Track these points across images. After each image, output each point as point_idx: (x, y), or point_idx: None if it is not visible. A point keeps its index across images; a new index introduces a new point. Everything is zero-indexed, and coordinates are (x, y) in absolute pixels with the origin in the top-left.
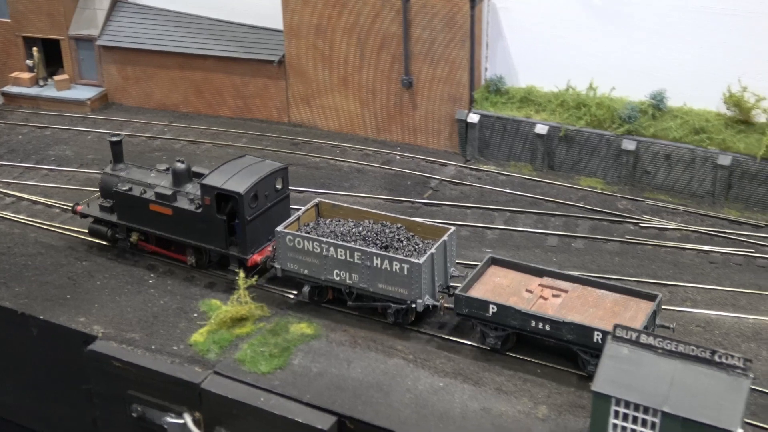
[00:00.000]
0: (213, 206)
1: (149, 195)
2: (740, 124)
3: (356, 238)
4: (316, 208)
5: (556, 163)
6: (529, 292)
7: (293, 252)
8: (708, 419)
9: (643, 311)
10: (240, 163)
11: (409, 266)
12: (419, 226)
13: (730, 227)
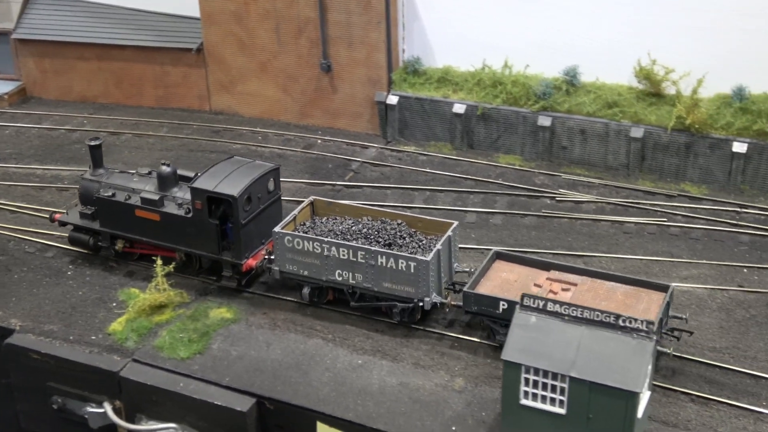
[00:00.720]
0: (204, 210)
1: (134, 200)
2: (651, 96)
3: (357, 237)
4: (310, 207)
5: (475, 142)
6: (537, 287)
7: (292, 253)
8: (614, 382)
9: (656, 302)
10: (229, 165)
11: (416, 264)
12: (420, 222)
13: (644, 198)
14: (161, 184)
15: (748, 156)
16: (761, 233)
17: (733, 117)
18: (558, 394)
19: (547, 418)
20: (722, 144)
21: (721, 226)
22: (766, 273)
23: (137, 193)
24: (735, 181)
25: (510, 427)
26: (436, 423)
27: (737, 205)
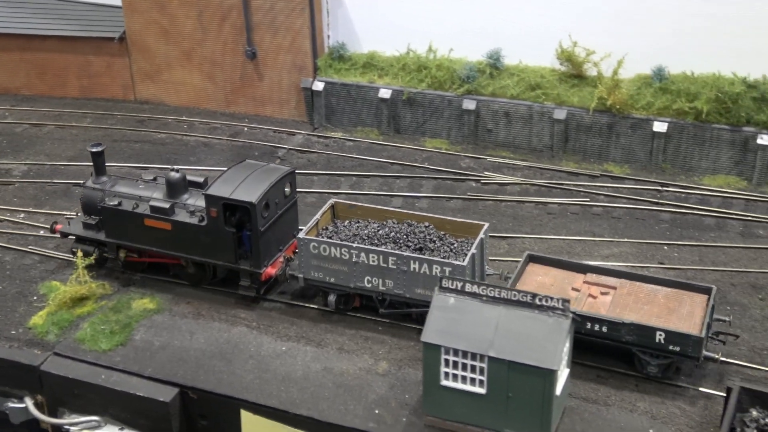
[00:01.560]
0: (220, 218)
1: (143, 209)
2: (573, 78)
3: (386, 241)
4: (331, 210)
5: (401, 126)
6: (575, 291)
7: (318, 260)
8: (531, 360)
9: (700, 305)
10: (243, 170)
11: (452, 269)
12: (449, 224)
13: (567, 179)
14: (170, 191)
15: (668, 135)
16: (682, 211)
17: (653, 97)
18: (478, 374)
19: (467, 398)
20: (643, 124)
21: (642, 205)
22: (686, 250)
23: (145, 201)
24: (656, 160)
25: (431, 408)
26: (360, 406)
27: (659, 184)
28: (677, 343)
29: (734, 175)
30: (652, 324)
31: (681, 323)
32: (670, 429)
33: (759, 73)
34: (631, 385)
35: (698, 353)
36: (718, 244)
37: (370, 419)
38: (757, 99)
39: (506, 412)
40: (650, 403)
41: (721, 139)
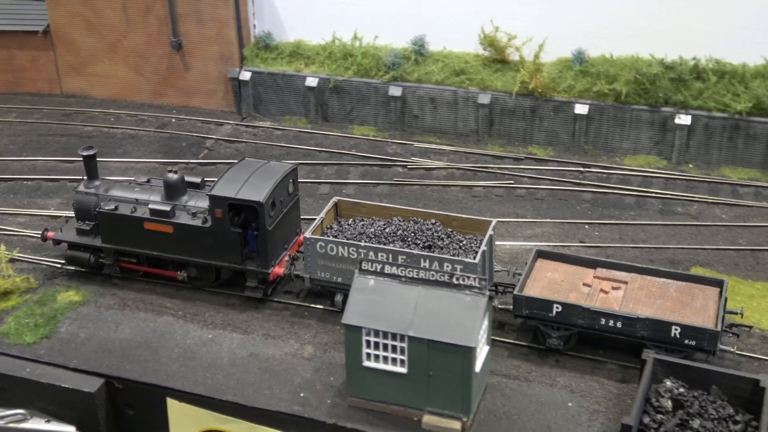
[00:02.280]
0: (225, 219)
1: (142, 212)
2: (496, 63)
3: (393, 239)
4: (334, 208)
5: (329, 114)
6: (587, 286)
7: (325, 259)
8: (450, 339)
9: (712, 299)
10: (245, 168)
11: (463, 267)
12: (455, 221)
13: (492, 162)
14: (169, 192)
15: (589, 117)
16: (603, 191)
17: (574, 80)
18: (398, 354)
19: (389, 378)
20: (565, 106)
21: (565, 186)
22: (606, 228)
23: (143, 204)
24: (579, 142)
25: (355, 390)
26: (285, 390)
27: (581, 165)
28: (693, 337)
29: (654, 154)
30: (667, 319)
31: (695, 317)
32: (588, 401)
33: (675, 54)
34: (552, 361)
35: (714, 347)
36: (637, 222)
37: (295, 402)
38: (674, 80)
39: (427, 390)
40: (569, 378)
41: (640, 119)
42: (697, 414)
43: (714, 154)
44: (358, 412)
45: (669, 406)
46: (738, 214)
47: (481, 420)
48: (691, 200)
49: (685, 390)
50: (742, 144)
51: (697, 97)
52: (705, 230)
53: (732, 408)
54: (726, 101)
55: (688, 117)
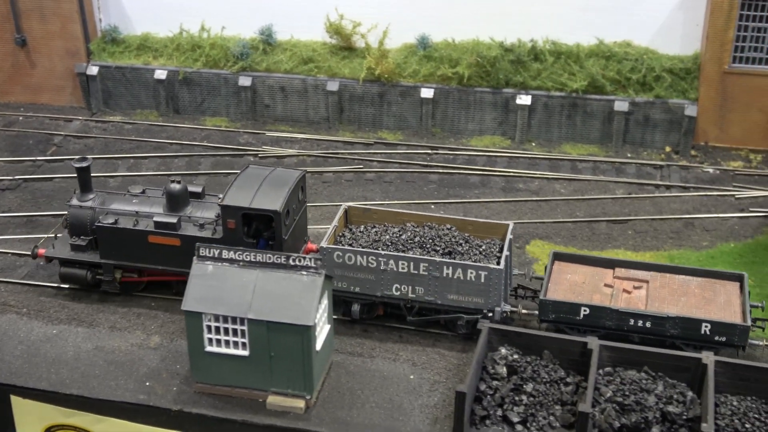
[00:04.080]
0: (239, 229)
1: (145, 225)
2: (343, 50)
3: (412, 246)
4: (344, 215)
5: (180, 107)
6: (608, 287)
7: (342, 269)
8: (288, 318)
9: (734, 293)
10: (253, 176)
11: (488, 273)
12: (470, 225)
13: (343, 148)
14: (172, 203)
15: (435, 101)
16: (449, 171)
17: (419, 65)
18: (240, 337)
19: (232, 361)
20: (411, 91)
21: (413, 168)
22: (451, 207)
23: (145, 217)
24: (426, 125)
25: (200, 375)
26: (131, 381)
27: (429, 148)
28: (723, 334)
29: (498, 135)
30: (698, 316)
31: (721, 313)
32: (430, 373)
33: (514, 36)
34: (395, 337)
35: (744, 342)
36: (481, 200)
37: (141, 392)
38: (514, 61)
39: (270, 371)
40: (411, 352)
41: (483, 101)
42: (530, 378)
43: (555, 132)
44: (204, 398)
45: (504, 372)
46: (576, 189)
47: (325, 397)
48: (533, 177)
49: (519, 356)
50: (580, 121)
51: (535, 78)
52: (545, 205)
53: (563, 371)
54: (563, 81)
55: (529, 97)
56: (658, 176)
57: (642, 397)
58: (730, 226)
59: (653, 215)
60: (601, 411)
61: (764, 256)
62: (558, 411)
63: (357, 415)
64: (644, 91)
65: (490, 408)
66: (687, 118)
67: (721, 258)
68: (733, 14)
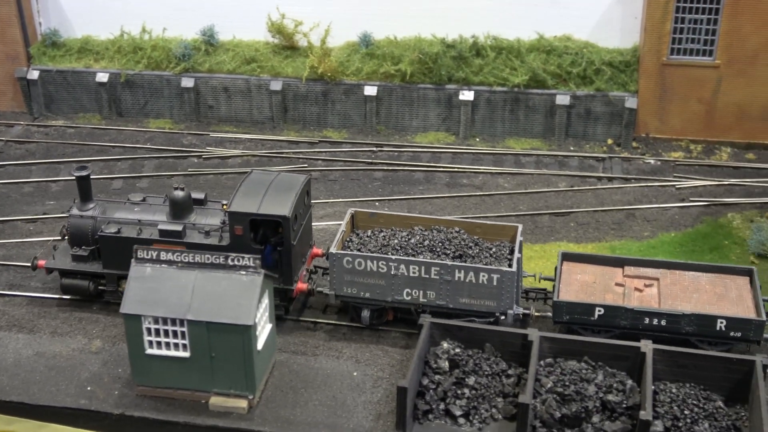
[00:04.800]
0: (246, 236)
1: (149, 234)
2: (286, 49)
3: (421, 250)
4: (351, 220)
5: (123, 109)
6: (620, 286)
7: (352, 275)
8: (227, 319)
9: (745, 288)
10: (258, 182)
11: (500, 276)
12: (479, 227)
13: (288, 147)
14: (176, 211)
15: (379, 98)
16: (394, 168)
17: (362, 62)
18: (180, 339)
19: (173, 363)
20: (355, 89)
21: (357, 166)
22: (395, 204)
23: (149, 226)
24: (371, 123)
25: (141, 378)
26: (72, 386)
27: (374, 145)
28: (739, 329)
29: (443, 131)
30: (713, 312)
31: (735, 308)
32: (373, 370)
33: (456, 33)
34: (339, 335)
35: (760, 336)
36: (425, 196)
37: (82, 396)
38: (456, 57)
39: (212, 372)
40: (355, 349)
41: (427, 98)
42: (472, 371)
43: (498, 127)
44: (146, 400)
45: (446, 366)
46: (520, 182)
47: (268, 396)
48: (477, 172)
49: (461, 350)
50: (522, 116)
51: (478, 73)
52: (488, 199)
53: (505, 363)
54: (505, 76)
55: (471, 93)
56: (600, 168)
57: (582, 386)
58: (670, 216)
59: (595, 207)
60: (542, 402)
61: (704, 245)
62: (500, 403)
63: (300, 414)
64: (585, 84)
65: (433, 402)
66: (627, 111)
67: (662, 247)
68: (670, 6)
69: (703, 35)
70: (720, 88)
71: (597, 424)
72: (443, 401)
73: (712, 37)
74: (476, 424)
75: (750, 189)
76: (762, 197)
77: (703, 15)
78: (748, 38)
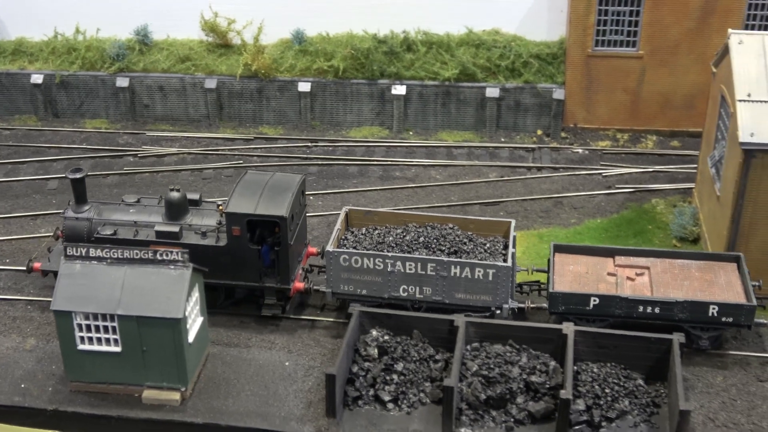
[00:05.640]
0: (244, 236)
1: (146, 235)
2: (220, 48)
3: (417, 247)
4: (345, 218)
5: (59, 110)
6: (612, 276)
7: (349, 272)
8: (157, 312)
9: (733, 274)
10: (253, 183)
11: (496, 270)
12: (472, 223)
13: (224, 145)
14: (172, 212)
15: (313, 94)
16: (328, 163)
17: (295, 59)
18: (111, 334)
19: (105, 358)
20: (289, 86)
21: (292, 162)
22: (329, 197)
23: (145, 227)
24: (306, 119)
25: (74, 374)
26: (6, 384)
27: (309, 141)
28: (730, 314)
29: (377, 125)
30: (705, 299)
31: (725, 294)
32: (305, 359)
33: (387, 28)
34: (272, 326)
35: (751, 321)
36: (359, 189)
37: (16, 394)
38: (387, 53)
39: (144, 365)
40: (287, 340)
41: (360, 92)
42: (401, 358)
43: (430, 120)
44: (80, 396)
45: (375, 353)
46: (451, 174)
47: (201, 388)
48: (410, 165)
49: (390, 337)
50: (454, 109)
51: (409, 68)
52: (420, 191)
53: (433, 348)
54: (435, 70)
55: (403, 87)
56: (530, 159)
57: (506, 369)
58: (596, 203)
59: (524, 196)
60: (468, 384)
61: (628, 230)
62: (428, 387)
63: (233, 404)
64: (514, 77)
65: (363, 389)
66: (555, 102)
67: (588, 234)
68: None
69: (626, 27)
70: (644, 78)
71: (521, 404)
72: (373, 387)
73: (635, 28)
74: (405, 408)
75: (674, 175)
76: (685, 183)
77: (625, 7)
78: (670, 29)
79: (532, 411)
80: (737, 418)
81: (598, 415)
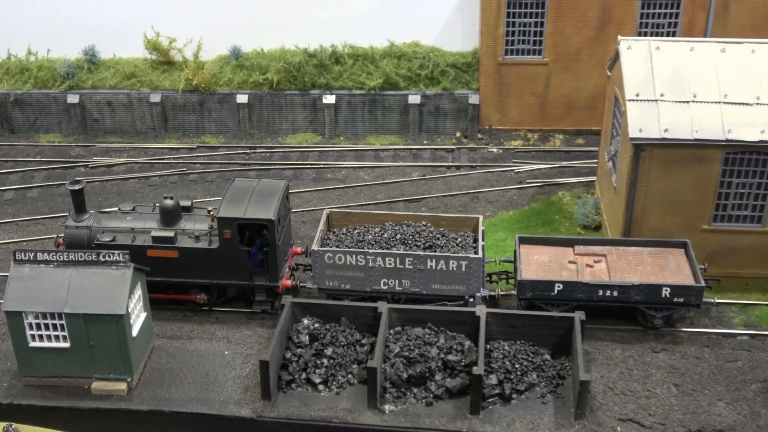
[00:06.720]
0: (235, 239)
1: (143, 241)
2: (163, 64)
3: (395, 243)
4: (327, 220)
5: (15, 126)
6: (572, 263)
7: (333, 269)
8: (102, 310)
9: (682, 258)
10: (241, 189)
11: (468, 262)
12: (444, 220)
13: (169, 154)
14: (166, 218)
15: (251, 105)
16: (266, 167)
17: (233, 73)
18: (60, 331)
19: (56, 354)
20: (228, 98)
21: (232, 168)
22: None
23: (142, 233)
24: (245, 128)
25: (27, 370)
26: None
27: (248, 148)
28: (682, 295)
29: (310, 132)
30: (658, 282)
31: (676, 277)
32: (243, 348)
33: (316, 43)
34: (212, 319)
35: (700, 301)
36: (293, 191)
37: None
38: (317, 65)
39: (92, 359)
40: (227, 331)
41: (294, 103)
42: (330, 343)
43: (359, 126)
44: (33, 390)
45: (306, 340)
46: (378, 174)
47: (146, 378)
48: (340, 167)
49: (320, 325)
50: (380, 115)
51: (338, 79)
52: (350, 191)
53: (359, 333)
54: (362, 80)
55: (333, 96)
56: (450, 158)
57: (426, 350)
58: (509, 197)
59: (444, 192)
60: (391, 365)
61: (537, 220)
62: (355, 369)
63: (176, 391)
64: (433, 84)
65: (295, 373)
66: (471, 106)
67: (501, 225)
68: (502, 12)
69: (532, 37)
70: (550, 83)
71: (439, 381)
72: (304, 371)
73: (540, 38)
74: (334, 389)
75: (578, 170)
76: (588, 176)
77: (531, 18)
78: (571, 38)
79: (450, 387)
80: (633, 386)
81: (509, 388)
